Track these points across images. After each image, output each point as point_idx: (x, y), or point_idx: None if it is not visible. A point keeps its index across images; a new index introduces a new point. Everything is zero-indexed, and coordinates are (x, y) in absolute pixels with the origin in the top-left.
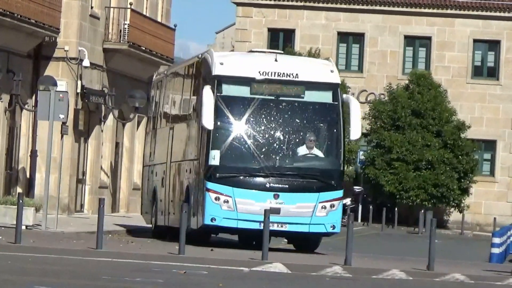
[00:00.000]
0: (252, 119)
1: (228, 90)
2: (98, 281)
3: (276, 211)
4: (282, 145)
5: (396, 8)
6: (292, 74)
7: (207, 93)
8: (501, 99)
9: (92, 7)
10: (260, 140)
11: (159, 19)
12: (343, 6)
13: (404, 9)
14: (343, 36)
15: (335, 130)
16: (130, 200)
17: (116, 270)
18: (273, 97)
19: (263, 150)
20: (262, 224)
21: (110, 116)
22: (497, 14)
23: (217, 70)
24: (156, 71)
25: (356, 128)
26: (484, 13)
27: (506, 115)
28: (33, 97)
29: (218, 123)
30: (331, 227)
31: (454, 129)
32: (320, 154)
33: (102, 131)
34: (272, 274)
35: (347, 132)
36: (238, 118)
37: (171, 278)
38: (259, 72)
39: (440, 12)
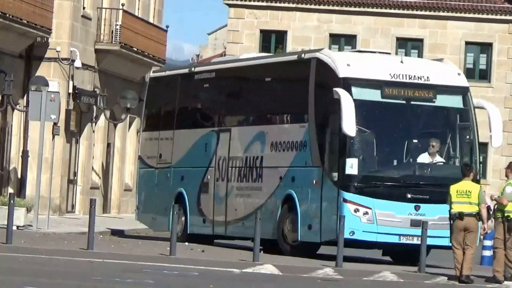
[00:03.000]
0: (386, 125)
1: (358, 93)
2: (89, 281)
3: (418, 223)
4: (418, 153)
5: (388, 10)
6: (422, 77)
7: (346, 97)
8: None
9: (84, 8)
10: (396, 148)
11: (151, 20)
12: (335, 8)
13: (396, 11)
14: (335, 38)
15: (468, 137)
16: (122, 201)
17: (107, 271)
18: (404, 101)
19: (400, 158)
20: (402, 238)
21: (102, 117)
22: (489, 16)
23: (344, 72)
24: (148, 72)
25: (498, 135)
26: (476, 15)
27: None
28: (25, 98)
29: None
30: None
31: None
32: (452, 162)
33: (93, 131)
34: (263, 276)
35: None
36: (372, 123)
37: (162, 279)
38: (389, 74)
39: (433, 15)
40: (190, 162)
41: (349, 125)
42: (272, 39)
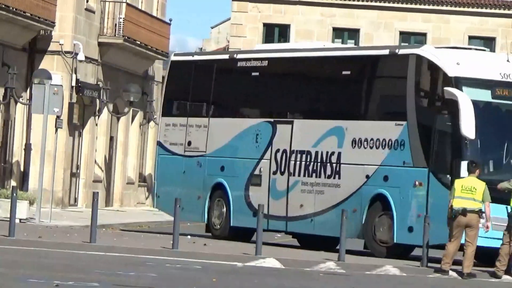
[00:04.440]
0: (496, 126)
1: (469, 93)
2: (92, 274)
3: None
4: None
5: (391, 4)
6: None
7: (465, 98)
8: None
9: (87, 1)
10: (507, 150)
11: (154, 14)
12: (339, 1)
13: (400, 5)
14: (338, 32)
15: None
16: (124, 194)
17: (109, 264)
18: None
19: (510, 161)
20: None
21: (105, 110)
22: (492, 11)
23: (455, 71)
24: (151, 65)
25: None
26: (479, 10)
27: None
28: (28, 91)
29: None
30: None
31: None
32: None
33: (96, 125)
34: (265, 269)
35: None
36: (483, 125)
37: (164, 273)
38: (500, 74)
39: (436, 9)
40: (234, 152)
41: (469, 127)
42: (276, 33)
